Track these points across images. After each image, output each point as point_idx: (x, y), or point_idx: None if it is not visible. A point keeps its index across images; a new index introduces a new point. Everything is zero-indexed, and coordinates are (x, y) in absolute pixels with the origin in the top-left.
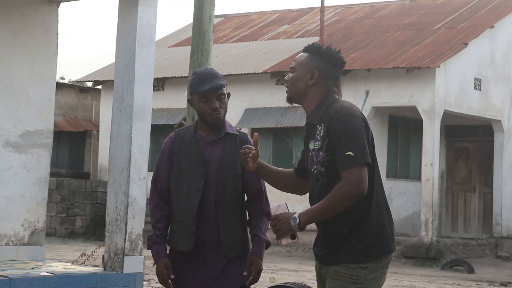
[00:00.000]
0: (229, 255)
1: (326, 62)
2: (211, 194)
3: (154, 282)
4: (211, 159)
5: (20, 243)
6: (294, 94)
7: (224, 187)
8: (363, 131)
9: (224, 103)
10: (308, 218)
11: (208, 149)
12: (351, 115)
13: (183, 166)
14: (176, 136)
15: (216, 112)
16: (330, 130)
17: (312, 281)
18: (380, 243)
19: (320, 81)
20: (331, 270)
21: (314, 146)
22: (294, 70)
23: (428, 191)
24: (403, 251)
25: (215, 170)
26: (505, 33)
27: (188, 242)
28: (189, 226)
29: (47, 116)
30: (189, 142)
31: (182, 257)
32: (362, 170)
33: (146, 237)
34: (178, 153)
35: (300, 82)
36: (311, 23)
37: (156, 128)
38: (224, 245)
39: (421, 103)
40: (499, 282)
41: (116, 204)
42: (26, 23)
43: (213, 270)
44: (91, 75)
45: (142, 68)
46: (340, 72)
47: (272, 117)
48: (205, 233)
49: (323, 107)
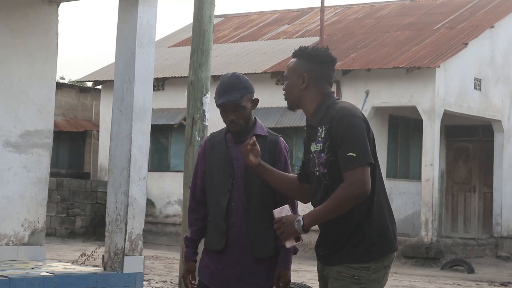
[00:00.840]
0: (258, 255)
1: (314, 63)
2: (239, 194)
3: (154, 282)
4: (238, 159)
5: (20, 243)
6: (292, 101)
7: (251, 188)
8: (364, 131)
9: (242, 114)
10: (312, 220)
11: (236, 149)
12: (352, 115)
13: (214, 167)
14: (210, 138)
15: (232, 125)
16: (331, 131)
17: (312, 281)
18: (383, 243)
19: (312, 83)
20: (333, 270)
21: (316, 148)
22: (287, 78)
23: (428, 191)
24: (403, 251)
25: (242, 170)
26: (505, 33)
27: (220, 242)
28: (220, 225)
29: (47, 116)
30: (219, 142)
31: (211, 255)
32: (365, 171)
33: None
34: (210, 155)
35: (293, 88)
36: (311, 23)
37: (156, 128)
38: (253, 246)
39: (421, 103)
40: (499, 282)
41: (116, 204)
42: (26, 23)
43: (239, 269)
44: (91, 75)
45: (142, 68)
46: (331, 69)
47: (272, 117)
48: (233, 233)
49: (322, 109)
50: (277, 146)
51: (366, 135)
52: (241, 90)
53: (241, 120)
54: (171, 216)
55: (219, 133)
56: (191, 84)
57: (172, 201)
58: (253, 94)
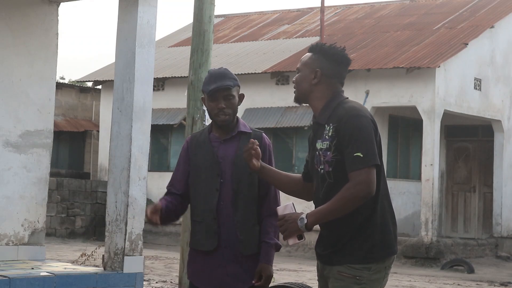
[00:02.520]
0: (245, 252)
1: (329, 61)
2: (227, 193)
3: (154, 282)
4: (225, 157)
5: (20, 243)
6: (300, 94)
7: (239, 185)
8: (372, 133)
9: (232, 104)
10: (316, 219)
11: (222, 148)
12: (361, 116)
13: (199, 167)
14: (192, 138)
15: (221, 112)
16: (339, 130)
17: (312, 281)
18: (384, 245)
19: (323, 80)
20: (334, 270)
21: (322, 146)
22: (299, 71)
23: (428, 191)
24: (403, 251)
25: (230, 169)
26: (505, 33)
27: (212, 242)
28: (211, 226)
29: (47, 116)
30: (203, 142)
31: (201, 256)
32: (371, 171)
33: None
34: (194, 155)
35: (304, 82)
36: (311, 23)
37: (156, 128)
38: (241, 243)
39: (421, 103)
40: (499, 282)
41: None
42: (26, 23)
43: (231, 267)
44: (91, 75)
45: (142, 68)
46: (345, 70)
47: (272, 117)
48: (223, 231)
49: (331, 107)
50: (261, 141)
51: (373, 136)
52: (232, 80)
53: (230, 109)
54: None
55: (201, 133)
56: (191, 84)
57: None
58: (239, 88)
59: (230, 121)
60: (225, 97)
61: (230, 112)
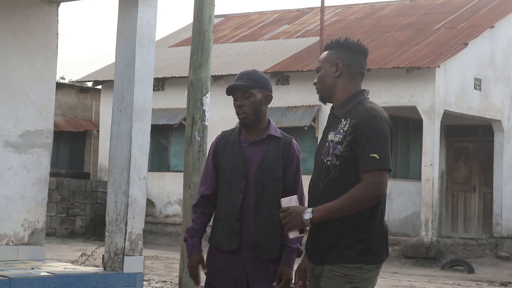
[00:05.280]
0: (264, 256)
1: (347, 51)
2: (251, 195)
3: (154, 282)
4: (252, 159)
5: (20, 243)
6: (324, 91)
7: (263, 189)
8: (389, 138)
9: (251, 103)
10: (322, 215)
11: (250, 150)
12: (382, 119)
13: (227, 166)
14: (222, 136)
15: (239, 110)
16: (357, 127)
17: None
18: (377, 250)
19: (346, 71)
20: (326, 269)
21: (334, 138)
22: (319, 69)
23: (428, 191)
24: (403, 251)
25: (255, 171)
26: (505, 33)
27: (233, 242)
28: (234, 225)
29: (47, 116)
30: (232, 142)
31: (221, 255)
32: (384, 175)
33: (185, 228)
34: (222, 153)
35: (327, 77)
36: (311, 23)
37: (156, 128)
38: (260, 246)
39: (421, 103)
40: (499, 282)
41: (116, 204)
42: (26, 23)
43: (250, 269)
44: (91, 75)
45: (142, 68)
46: (364, 59)
47: (272, 117)
48: (244, 233)
49: (352, 103)
50: (290, 147)
51: (390, 142)
52: (249, 80)
53: (248, 108)
54: (171, 216)
55: (232, 132)
56: (191, 84)
57: (172, 201)
58: (268, 92)
59: (248, 120)
60: (243, 95)
61: (247, 110)
